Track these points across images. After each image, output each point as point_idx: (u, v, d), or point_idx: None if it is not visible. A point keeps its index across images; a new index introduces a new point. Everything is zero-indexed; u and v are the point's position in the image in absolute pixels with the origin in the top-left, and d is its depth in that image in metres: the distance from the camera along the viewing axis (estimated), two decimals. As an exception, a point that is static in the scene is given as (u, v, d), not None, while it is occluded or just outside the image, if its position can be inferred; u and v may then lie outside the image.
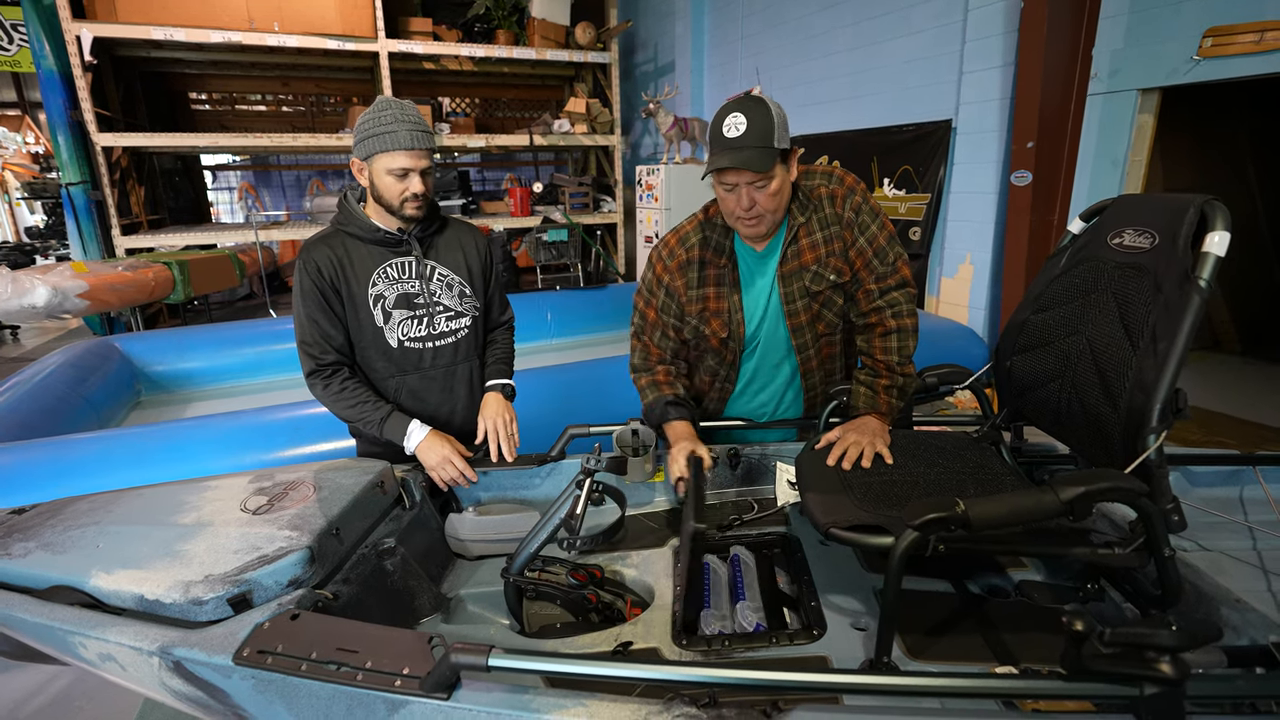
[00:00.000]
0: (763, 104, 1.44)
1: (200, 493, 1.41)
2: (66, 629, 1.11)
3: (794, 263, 1.60)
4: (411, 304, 1.73)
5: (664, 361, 1.77)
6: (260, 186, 11.80)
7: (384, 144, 1.57)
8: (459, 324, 1.81)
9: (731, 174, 1.45)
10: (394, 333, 1.72)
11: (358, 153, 1.62)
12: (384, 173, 1.60)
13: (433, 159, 1.65)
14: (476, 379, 1.87)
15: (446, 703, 0.92)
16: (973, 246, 4.69)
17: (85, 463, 2.78)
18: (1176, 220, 1.14)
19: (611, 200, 8.58)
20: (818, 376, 1.74)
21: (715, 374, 1.77)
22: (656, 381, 1.74)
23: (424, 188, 1.62)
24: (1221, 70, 3.27)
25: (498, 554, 1.58)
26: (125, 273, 5.35)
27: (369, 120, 1.59)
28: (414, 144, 1.58)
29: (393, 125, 1.57)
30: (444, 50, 7.34)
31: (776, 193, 1.48)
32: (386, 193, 1.62)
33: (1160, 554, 1.04)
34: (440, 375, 1.80)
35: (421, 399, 1.79)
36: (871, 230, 1.58)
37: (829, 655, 1.15)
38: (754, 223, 1.52)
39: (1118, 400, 1.15)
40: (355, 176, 1.67)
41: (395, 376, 1.76)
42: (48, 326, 8.12)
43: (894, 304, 1.59)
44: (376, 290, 1.69)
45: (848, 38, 5.65)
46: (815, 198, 1.59)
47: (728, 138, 1.43)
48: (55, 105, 6.06)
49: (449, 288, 1.78)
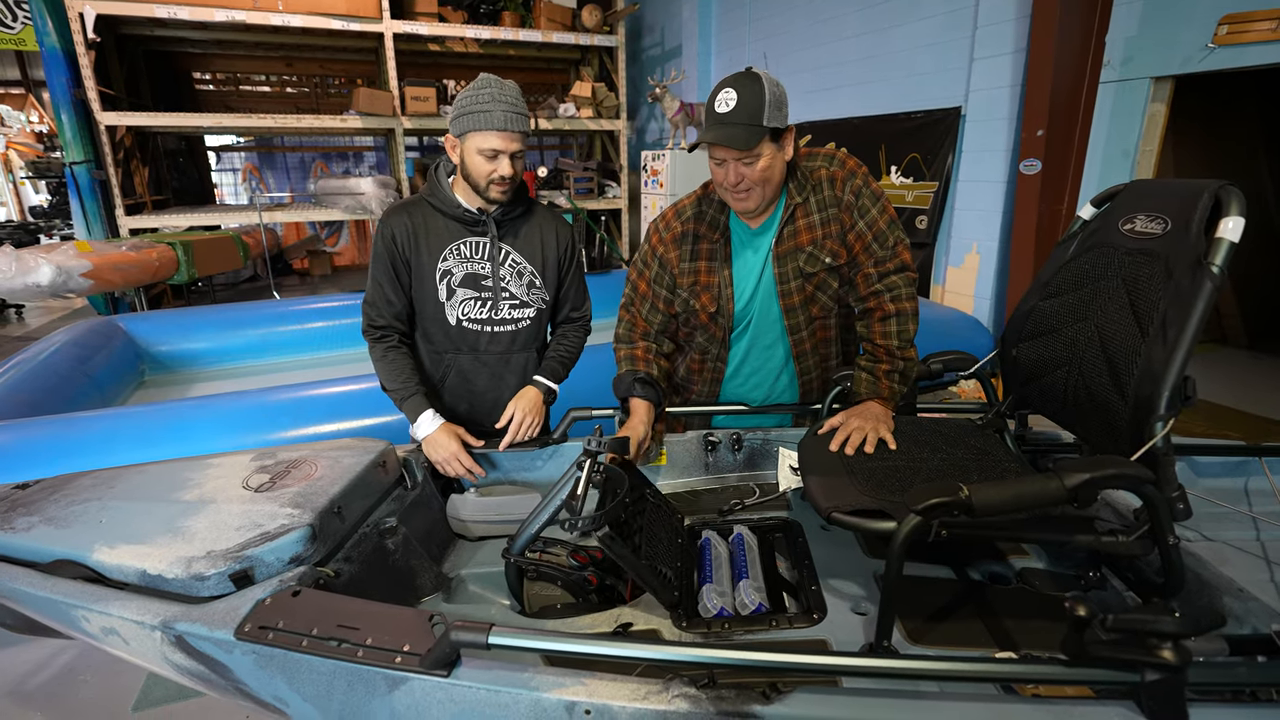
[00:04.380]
0: (757, 81, 1.43)
1: (203, 470, 1.42)
2: (70, 602, 1.12)
3: (790, 242, 1.60)
4: (478, 285, 1.74)
5: (647, 337, 1.75)
6: (264, 168, 11.77)
7: (478, 123, 1.57)
8: (522, 313, 1.79)
9: (719, 149, 1.46)
10: (454, 310, 1.74)
11: (453, 129, 1.63)
12: (475, 152, 1.60)
13: (525, 142, 1.64)
14: (530, 370, 1.84)
15: (446, 680, 0.92)
16: (980, 236, 4.66)
17: (89, 441, 2.79)
18: (1190, 205, 1.12)
19: (616, 186, 8.53)
20: (812, 361, 1.73)
21: (705, 352, 1.75)
22: (634, 355, 1.72)
23: (512, 170, 1.62)
24: (1237, 58, 3.22)
25: (499, 535, 1.59)
26: (129, 253, 5.34)
27: (467, 97, 1.59)
28: (508, 125, 1.57)
29: (489, 105, 1.56)
30: (449, 32, 7.27)
31: (765, 169, 1.48)
32: (475, 172, 1.62)
33: (1164, 542, 1.04)
34: (493, 361, 1.80)
35: (469, 380, 1.80)
36: (872, 214, 1.56)
37: (829, 639, 1.15)
38: (742, 197, 1.52)
39: (1125, 387, 1.14)
40: (448, 152, 1.69)
41: (449, 353, 1.78)
42: (52, 306, 8.13)
43: (893, 288, 1.58)
44: (446, 265, 1.71)
45: (857, 22, 5.58)
46: (815, 179, 1.58)
47: (717, 112, 1.44)
48: (59, 83, 6.02)
49: (519, 275, 1.77)
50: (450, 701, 0.93)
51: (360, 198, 6.98)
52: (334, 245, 10.99)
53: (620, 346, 1.77)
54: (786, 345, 1.71)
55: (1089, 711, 0.86)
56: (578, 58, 9.24)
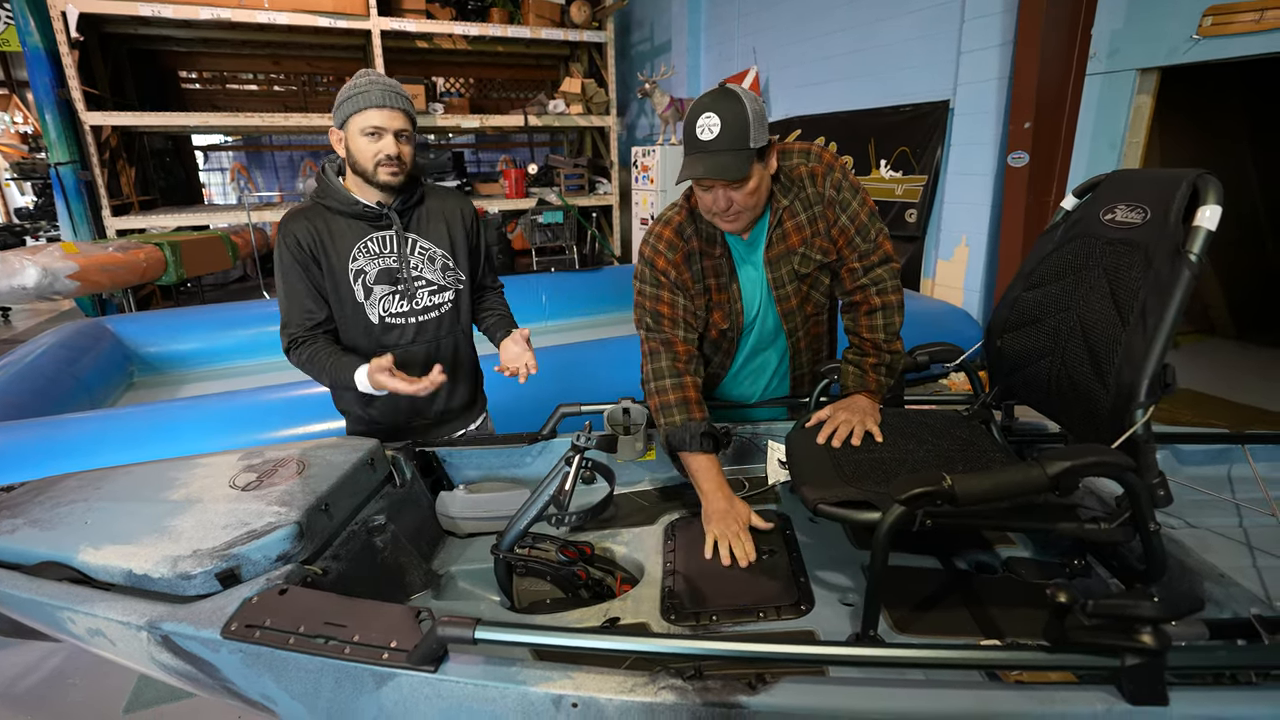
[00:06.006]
0: (736, 99, 1.36)
1: (189, 470, 1.41)
2: (56, 604, 1.12)
3: (780, 246, 1.57)
4: (393, 279, 1.70)
5: (690, 363, 1.58)
6: (252, 167, 11.69)
7: (356, 104, 1.56)
8: (442, 298, 1.78)
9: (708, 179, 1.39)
10: (374, 308, 1.70)
11: (335, 121, 1.61)
12: (358, 134, 1.57)
13: (410, 123, 1.61)
14: (463, 349, 1.85)
15: (434, 675, 0.93)
16: (969, 229, 4.68)
17: (77, 443, 2.77)
18: (1168, 195, 1.13)
19: (607, 182, 8.52)
20: (805, 357, 1.73)
21: (709, 362, 1.74)
22: (687, 399, 1.53)
23: (398, 151, 1.59)
24: (1221, 50, 3.25)
25: (488, 531, 1.59)
26: (116, 254, 5.29)
27: (345, 89, 1.59)
28: (385, 101, 1.55)
29: (365, 87, 1.56)
30: (437, 28, 7.24)
31: (754, 191, 1.42)
32: (360, 156, 1.59)
33: (1145, 528, 1.05)
34: (424, 351, 1.78)
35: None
36: (853, 207, 1.55)
37: (816, 630, 1.15)
38: (731, 219, 1.47)
39: (1106, 376, 1.15)
40: (335, 149, 1.65)
41: (377, 351, 1.73)
42: (39, 308, 8.06)
43: (878, 281, 1.58)
44: (357, 265, 1.67)
45: (845, 16, 5.58)
46: (796, 177, 1.54)
47: (701, 140, 1.36)
48: (42, 83, 5.97)
49: (430, 261, 1.75)
50: (438, 697, 0.94)
51: (350, 196, 6.93)
52: (324, 244, 10.90)
53: (665, 383, 1.55)
54: (783, 346, 1.71)
55: (1071, 696, 0.87)
56: (567, 54, 9.22)
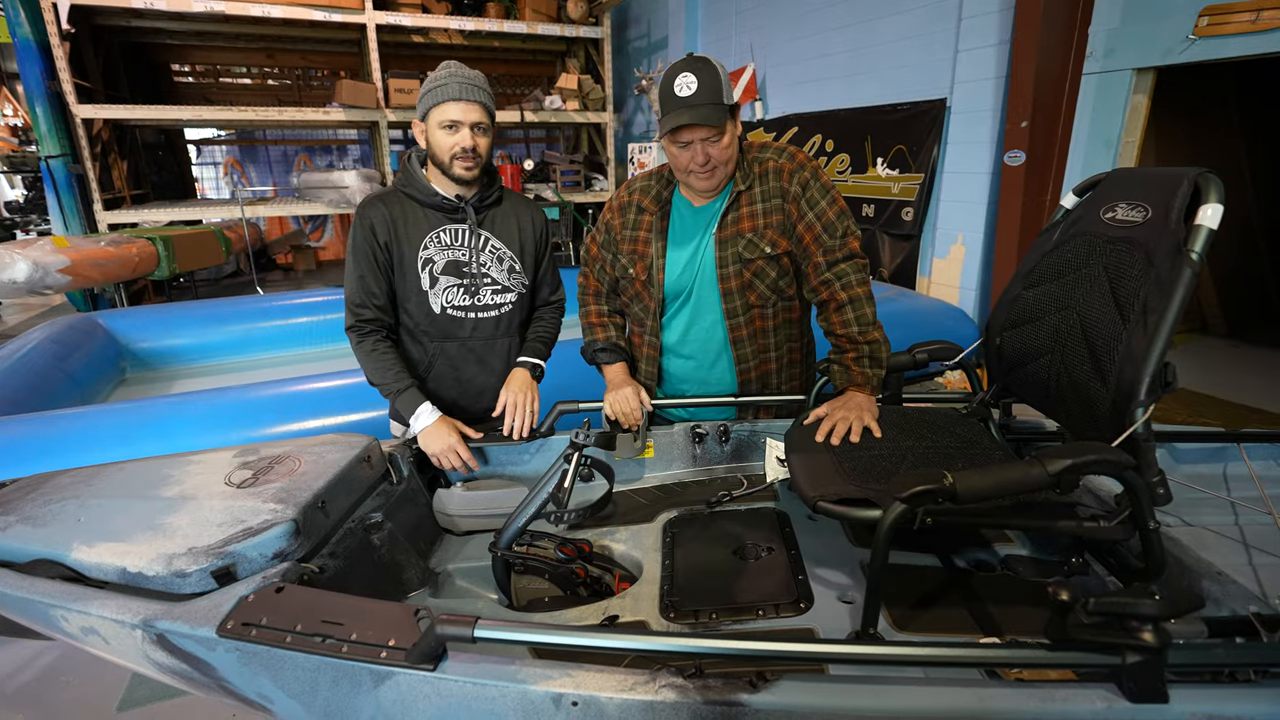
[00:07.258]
0: (709, 63, 1.51)
1: (184, 467, 1.39)
2: (48, 602, 1.10)
3: (732, 229, 1.65)
4: (460, 272, 1.74)
5: (599, 297, 1.89)
6: (246, 162, 11.60)
7: (435, 97, 1.60)
8: (504, 299, 1.80)
9: (687, 131, 1.51)
10: (438, 298, 1.74)
11: (418, 113, 1.67)
12: (437, 128, 1.63)
13: (488, 116, 1.66)
14: (515, 355, 1.85)
15: (432, 674, 0.92)
16: (965, 227, 4.69)
17: (68, 439, 2.75)
18: (1169, 193, 1.13)
19: (603, 178, 8.50)
20: (749, 349, 1.74)
21: (641, 323, 1.82)
22: (590, 323, 1.89)
23: (473, 143, 1.63)
24: (1217, 50, 3.26)
25: (486, 529, 1.58)
26: (108, 248, 5.25)
27: (427, 82, 1.63)
28: (462, 94, 1.59)
29: (445, 80, 1.60)
30: (433, 23, 7.20)
31: (729, 146, 1.56)
32: (438, 148, 1.64)
33: (1145, 526, 1.05)
34: (478, 347, 1.81)
35: (456, 367, 1.80)
36: (821, 205, 1.59)
37: (815, 627, 1.15)
38: (708, 175, 1.58)
39: (1107, 374, 1.15)
40: (418, 140, 1.71)
41: (435, 341, 1.78)
42: (30, 303, 8.00)
43: (841, 276, 1.59)
44: (427, 254, 1.71)
45: (843, 14, 5.58)
46: (763, 169, 1.64)
47: (681, 96, 1.49)
48: (32, 75, 5.90)
49: (499, 261, 1.79)
50: (437, 695, 0.93)
51: (344, 191, 6.90)
52: (318, 240, 10.87)
53: (580, 308, 1.93)
54: (724, 330, 1.73)
55: (1071, 694, 0.87)
56: (563, 50, 9.19)
